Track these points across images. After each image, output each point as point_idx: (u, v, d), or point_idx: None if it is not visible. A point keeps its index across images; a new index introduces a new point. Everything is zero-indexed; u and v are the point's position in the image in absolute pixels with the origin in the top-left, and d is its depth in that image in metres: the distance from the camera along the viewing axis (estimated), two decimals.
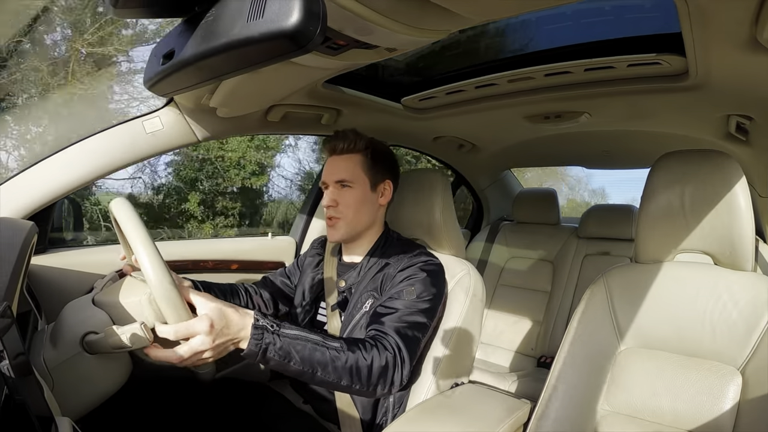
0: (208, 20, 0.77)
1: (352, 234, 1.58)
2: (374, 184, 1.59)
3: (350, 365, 1.18)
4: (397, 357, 1.27)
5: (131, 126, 1.60)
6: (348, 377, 1.18)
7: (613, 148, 2.80)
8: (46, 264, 1.59)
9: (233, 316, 1.08)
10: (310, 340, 1.16)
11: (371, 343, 1.26)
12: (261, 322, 1.11)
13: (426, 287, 1.43)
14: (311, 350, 1.14)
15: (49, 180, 1.51)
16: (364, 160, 1.56)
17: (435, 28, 1.09)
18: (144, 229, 1.02)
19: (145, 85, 1.04)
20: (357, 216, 1.56)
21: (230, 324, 1.07)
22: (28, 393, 0.69)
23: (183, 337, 1.02)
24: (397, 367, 1.26)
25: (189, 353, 1.02)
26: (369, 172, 1.57)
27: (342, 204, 1.54)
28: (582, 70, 1.60)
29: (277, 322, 1.14)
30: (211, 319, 1.04)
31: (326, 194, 1.58)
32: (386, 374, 1.24)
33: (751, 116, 1.73)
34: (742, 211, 1.25)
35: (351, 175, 1.54)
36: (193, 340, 1.02)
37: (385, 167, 1.62)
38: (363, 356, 1.21)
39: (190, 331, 1.02)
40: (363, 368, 1.20)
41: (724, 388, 1.19)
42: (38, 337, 1.12)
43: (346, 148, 1.56)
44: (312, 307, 1.65)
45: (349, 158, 1.56)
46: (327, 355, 1.16)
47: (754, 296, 1.23)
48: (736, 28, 1.13)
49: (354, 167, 1.55)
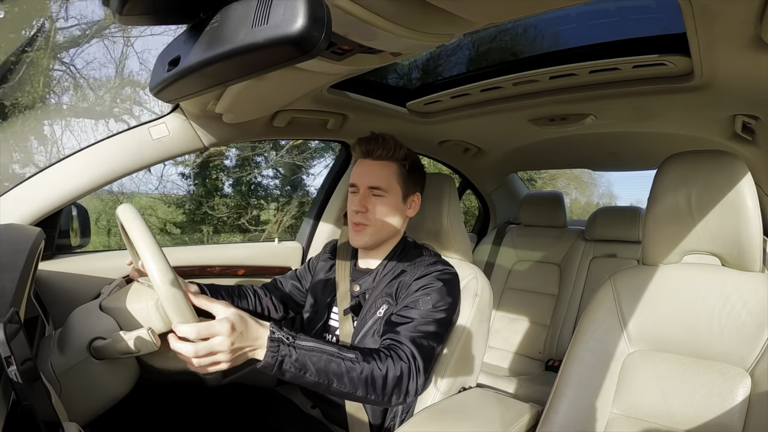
0: (213, 26, 0.77)
1: (376, 242, 1.56)
2: (406, 195, 1.56)
3: (366, 376, 1.18)
4: (412, 367, 1.26)
5: (137, 132, 1.60)
6: (363, 388, 1.18)
7: (619, 150, 2.80)
8: (53, 270, 1.60)
9: (252, 323, 1.08)
10: (326, 351, 1.15)
11: (386, 354, 1.25)
12: (277, 334, 1.10)
13: (442, 296, 1.41)
14: (327, 362, 1.14)
15: (55, 186, 1.52)
16: (400, 170, 1.53)
17: (439, 32, 1.09)
18: (150, 234, 1.02)
19: (151, 92, 1.05)
20: (385, 225, 1.53)
21: (249, 329, 1.07)
22: (36, 399, 0.69)
23: (203, 336, 1.01)
24: (412, 376, 1.25)
25: (206, 351, 1.01)
26: (404, 183, 1.54)
27: (372, 211, 1.51)
28: (587, 72, 1.59)
29: (292, 334, 1.13)
30: (231, 322, 1.03)
31: (355, 198, 1.54)
32: (401, 384, 1.23)
33: (757, 116, 1.72)
34: (749, 212, 1.24)
35: (386, 184, 1.51)
36: (213, 339, 1.01)
37: (417, 180, 1.60)
38: (378, 366, 1.20)
39: (211, 331, 1.01)
40: (378, 378, 1.20)
41: (734, 389, 1.19)
42: (46, 342, 1.13)
43: (384, 155, 1.52)
44: (325, 312, 1.64)
45: (386, 166, 1.52)
46: (342, 366, 1.15)
47: (763, 297, 1.23)
48: (740, 27, 1.13)
49: (390, 176, 1.52)
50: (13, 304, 0.83)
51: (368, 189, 1.52)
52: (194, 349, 1.01)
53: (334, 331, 1.59)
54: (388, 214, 1.52)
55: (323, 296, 1.66)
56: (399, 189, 1.53)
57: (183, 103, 1.58)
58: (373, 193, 1.51)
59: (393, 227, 1.55)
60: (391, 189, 1.52)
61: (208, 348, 1.01)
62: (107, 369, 1.08)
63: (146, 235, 1.02)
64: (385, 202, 1.51)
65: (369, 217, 1.51)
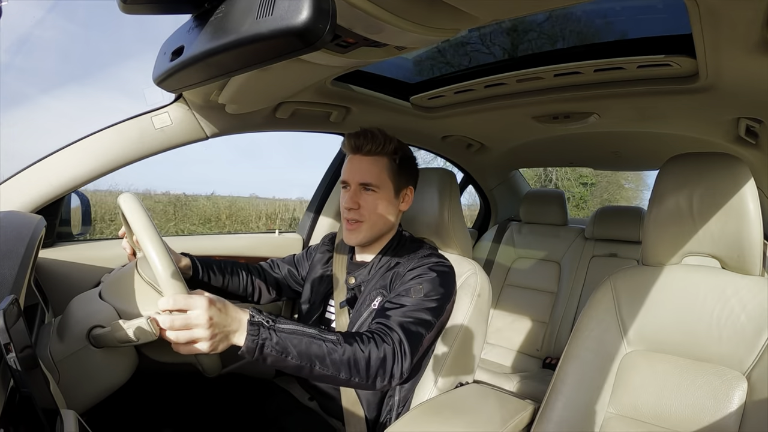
0: (218, 17, 0.77)
1: (370, 239, 1.55)
2: (398, 189, 1.54)
3: (347, 357, 1.17)
4: (397, 350, 1.25)
5: (140, 121, 1.60)
6: (346, 370, 1.17)
7: (622, 150, 2.79)
8: (53, 258, 1.60)
9: (231, 305, 1.07)
10: (306, 333, 1.14)
11: (368, 336, 1.25)
12: (257, 318, 1.09)
13: (434, 287, 1.41)
14: (308, 344, 1.13)
15: (57, 174, 1.52)
16: (391, 164, 1.51)
17: (444, 27, 1.08)
18: (152, 223, 1.02)
19: (155, 81, 1.05)
20: (379, 221, 1.52)
21: (228, 308, 1.06)
22: (34, 386, 0.69)
23: (180, 306, 1.00)
24: (396, 359, 1.25)
25: (182, 322, 0.99)
26: (395, 178, 1.52)
27: (364, 208, 1.50)
28: (591, 70, 1.59)
29: (272, 317, 1.12)
30: (209, 298, 1.02)
31: (347, 195, 1.52)
32: (385, 366, 1.23)
33: (761, 119, 1.72)
34: (750, 215, 1.24)
35: (377, 179, 1.49)
36: (191, 311, 1.00)
37: (409, 173, 1.59)
38: (360, 348, 1.20)
39: (188, 302, 1.00)
40: (360, 360, 1.19)
41: (730, 392, 1.19)
42: (45, 330, 1.13)
43: (373, 150, 1.49)
44: (321, 304, 1.64)
45: (376, 161, 1.50)
46: (324, 348, 1.15)
47: (762, 301, 1.23)
48: (746, 29, 1.13)
49: (380, 171, 1.50)
50: (13, 291, 0.84)
51: (359, 185, 1.50)
52: (170, 320, 0.99)
53: (330, 324, 1.59)
54: (381, 209, 1.51)
55: (320, 289, 1.66)
56: (391, 184, 1.52)
57: (186, 93, 1.58)
58: (365, 189, 1.50)
59: (387, 222, 1.55)
60: (382, 184, 1.50)
61: (184, 319, 1.00)
62: (106, 357, 1.09)
63: (147, 224, 1.02)
64: (377, 198, 1.50)
65: (362, 214, 1.50)
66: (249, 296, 1.70)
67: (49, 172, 1.52)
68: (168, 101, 1.63)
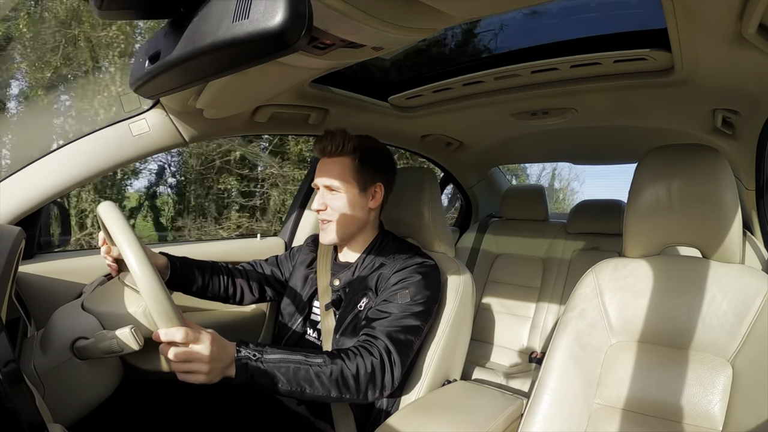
0: (194, 21, 0.76)
1: (342, 237, 1.57)
2: (364, 188, 1.55)
3: (336, 377, 1.21)
4: (385, 360, 1.28)
5: (117, 128, 1.58)
6: (336, 389, 1.22)
7: (601, 144, 2.81)
8: (34, 270, 1.58)
9: (227, 343, 1.14)
10: (293, 361, 1.19)
11: (355, 351, 1.28)
12: (243, 352, 1.15)
13: (420, 290, 1.43)
14: (295, 371, 1.18)
15: (35, 184, 1.50)
16: (352, 163, 1.53)
17: (421, 27, 1.09)
18: (132, 233, 1.01)
19: (131, 87, 1.03)
20: (346, 220, 1.54)
21: (226, 346, 1.13)
22: (19, 400, 0.68)
23: (189, 340, 1.04)
24: (386, 370, 1.28)
25: (184, 355, 1.04)
26: (357, 176, 1.53)
27: (331, 208, 1.53)
28: (568, 66, 1.60)
29: (258, 349, 1.17)
30: (212, 336, 1.08)
31: (317, 197, 1.56)
32: (374, 379, 1.27)
33: (736, 110, 1.74)
34: (729, 204, 1.26)
35: (340, 180, 1.51)
36: (195, 345, 1.05)
37: (376, 170, 1.59)
38: (347, 366, 1.24)
39: (196, 337, 1.05)
40: (349, 378, 1.23)
41: (715, 379, 1.21)
42: (28, 343, 1.12)
43: (334, 151, 1.52)
44: (306, 306, 1.64)
45: (339, 161, 1.52)
46: (311, 372, 1.19)
47: (743, 288, 1.25)
48: (720, 23, 1.14)
49: (342, 171, 1.52)
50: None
51: (325, 187, 1.54)
52: (174, 351, 1.04)
53: (316, 326, 1.59)
54: (346, 208, 1.53)
55: (304, 291, 1.66)
56: (354, 182, 1.54)
57: (163, 99, 1.57)
58: (330, 190, 1.53)
59: (356, 220, 1.57)
60: (345, 184, 1.52)
61: (187, 354, 1.04)
62: (91, 369, 1.08)
63: (128, 234, 1.01)
64: (341, 198, 1.53)
65: (330, 214, 1.54)
66: (231, 297, 1.70)
67: (27, 182, 1.49)
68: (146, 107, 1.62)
